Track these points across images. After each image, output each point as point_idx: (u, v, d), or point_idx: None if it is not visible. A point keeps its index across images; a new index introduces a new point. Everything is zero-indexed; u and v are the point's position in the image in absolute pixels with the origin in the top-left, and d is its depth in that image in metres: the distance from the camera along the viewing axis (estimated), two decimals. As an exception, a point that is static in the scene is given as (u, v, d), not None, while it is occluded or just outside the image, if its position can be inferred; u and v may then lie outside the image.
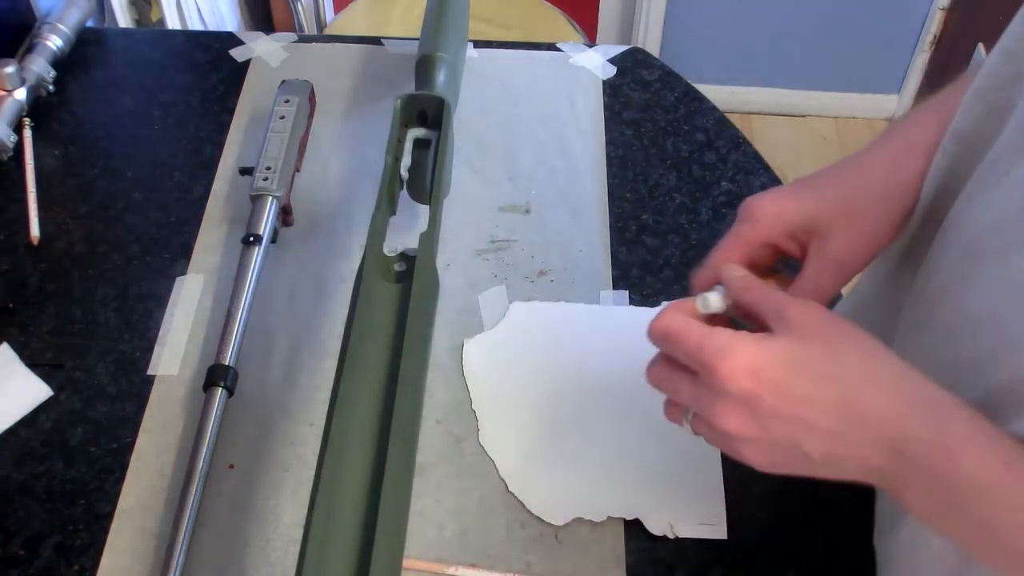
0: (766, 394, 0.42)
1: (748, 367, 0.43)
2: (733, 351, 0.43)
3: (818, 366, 0.43)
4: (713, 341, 0.44)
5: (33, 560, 0.65)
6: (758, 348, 0.43)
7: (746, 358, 0.43)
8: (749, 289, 0.48)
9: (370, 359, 0.58)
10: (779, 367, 0.43)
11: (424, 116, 0.75)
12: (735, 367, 0.43)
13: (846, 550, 0.66)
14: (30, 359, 0.75)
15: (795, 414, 0.43)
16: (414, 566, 0.65)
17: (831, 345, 0.43)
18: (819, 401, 0.42)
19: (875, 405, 0.42)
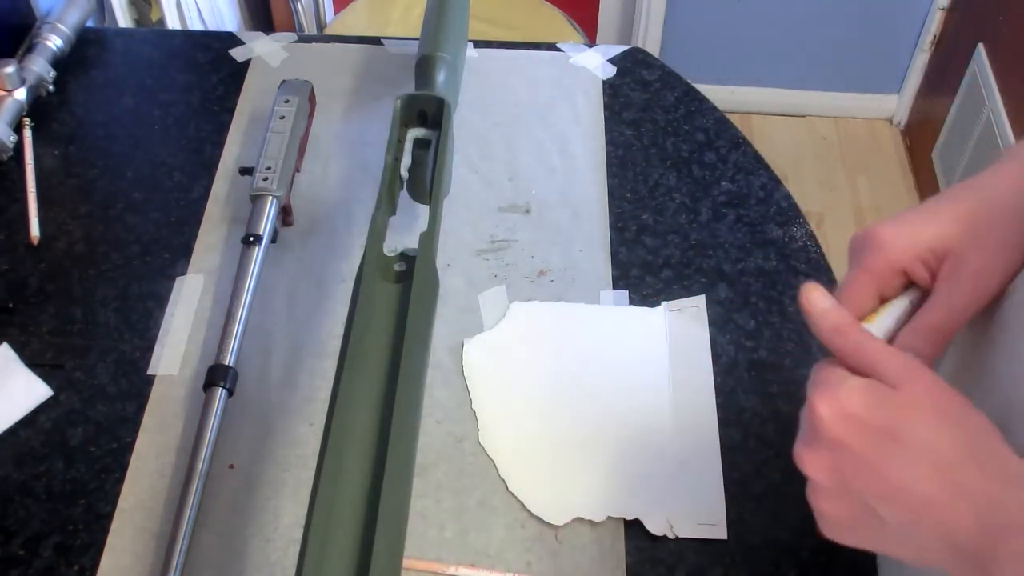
0: (856, 445, 0.40)
1: (843, 410, 0.41)
2: (833, 388, 0.41)
3: (922, 428, 0.40)
4: (818, 375, 0.42)
5: (33, 560, 0.65)
6: (868, 391, 0.41)
7: (847, 400, 0.41)
8: (840, 332, 0.44)
9: (370, 359, 0.58)
10: (882, 415, 0.40)
11: (424, 116, 0.75)
12: (832, 406, 0.41)
13: (846, 550, 0.66)
14: (30, 359, 0.75)
15: (881, 477, 0.40)
16: (414, 566, 0.65)
17: (941, 416, 0.40)
18: (916, 476, 0.39)
19: (975, 480, 0.39)
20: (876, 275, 0.47)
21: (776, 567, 0.66)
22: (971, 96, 1.88)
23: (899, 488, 0.40)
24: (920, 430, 0.40)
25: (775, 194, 0.88)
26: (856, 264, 0.48)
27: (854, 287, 0.48)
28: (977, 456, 0.39)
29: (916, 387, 0.40)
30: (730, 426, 0.72)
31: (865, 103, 2.22)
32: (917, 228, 0.47)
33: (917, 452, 0.40)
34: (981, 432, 0.40)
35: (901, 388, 0.41)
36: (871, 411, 0.40)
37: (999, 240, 0.46)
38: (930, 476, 0.39)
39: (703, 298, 0.79)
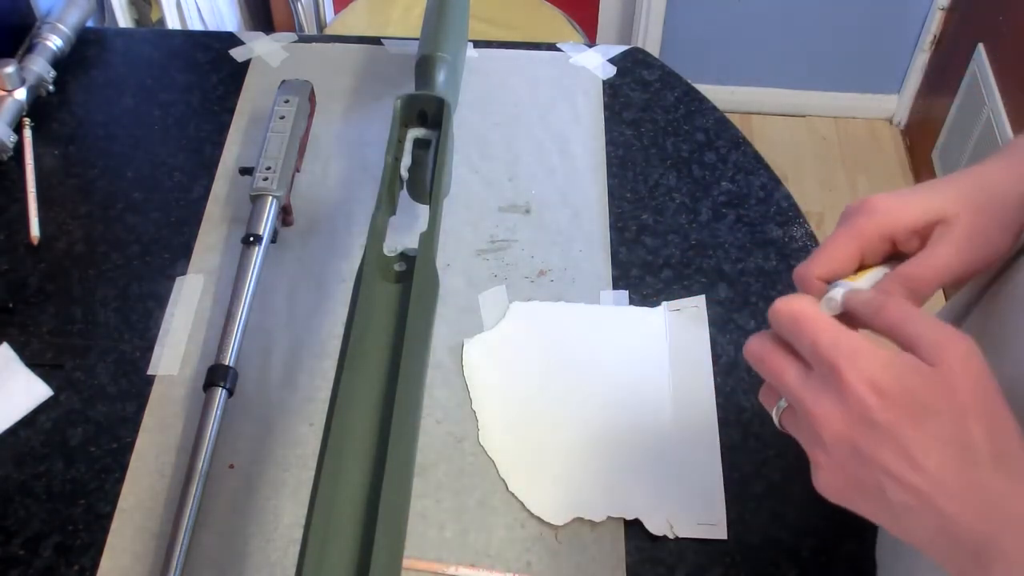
0: (881, 420, 0.39)
1: (872, 378, 0.39)
2: (867, 358, 0.39)
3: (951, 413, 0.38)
4: (851, 342, 0.40)
5: (33, 560, 0.65)
6: (896, 365, 0.39)
7: (879, 370, 0.39)
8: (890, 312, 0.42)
9: (370, 359, 0.58)
10: (907, 391, 0.39)
11: (424, 116, 0.75)
12: (859, 377, 0.39)
13: (846, 550, 0.66)
14: (30, 359, 0.75)
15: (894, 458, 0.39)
16: (414, 566, 0.65)
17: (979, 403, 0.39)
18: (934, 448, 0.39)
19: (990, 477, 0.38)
20: (862, 237, 0.47)
21: (776, 567, 0.66)
22: (971, 96, 1.88)
23: (915, 468, 0.39)
24: (952, 417, 0.38)
25: (775, 194, 0.88)
26: (844, 225, 0.48)
27: (836, 245, 0.47)
28: (998, 452, 0.38)
29: (954, 368, 0.39)
30: (730, 426, 0.72)
31: (865, 103, 2.22)
32: (913, 199, 0.47)
33: (944, 438, 0.38)
34: (1006, 426, 0.39)
35: (939, 366, 0.39)
36: (907, 390, 0.39)
37: (991, 217, 0.47)
38: (950, 465, 0.38)
39: (703, 298, 0.79)
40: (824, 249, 0.47)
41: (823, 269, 0.47)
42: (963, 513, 0.38)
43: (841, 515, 0.67)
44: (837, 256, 0.47)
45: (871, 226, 0.47)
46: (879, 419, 0.39)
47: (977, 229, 0.47)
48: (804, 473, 0.71)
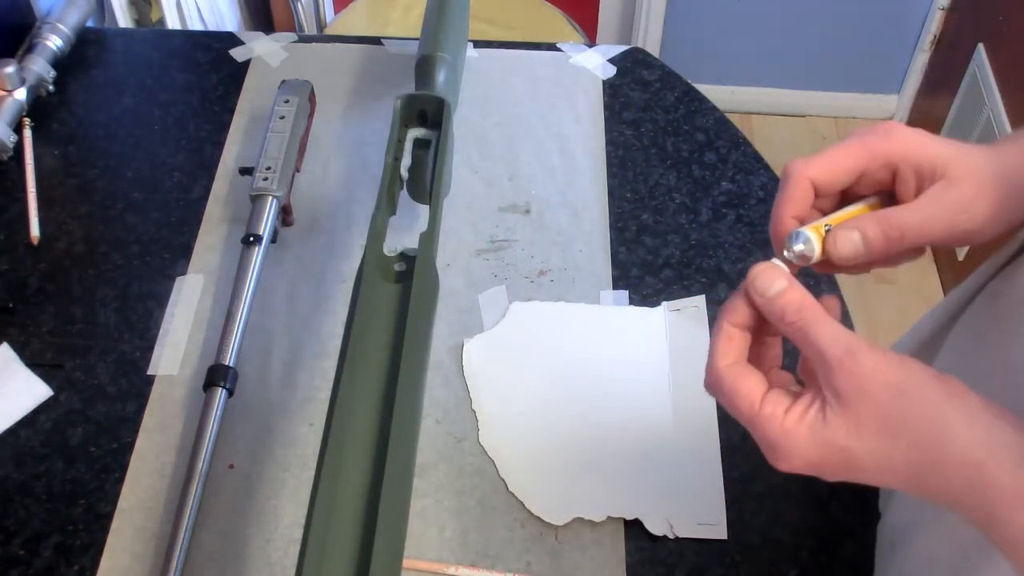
0: (828, 471, 0.41)
1: (806, 464, 0.41)
2: (789, 454, 0.41)
3: (878, 456, 0.40)
4: (767, 431, 0.42)
5: (33, 560, 0.65)
6: (815, 444, 0.41)
7: (803, 458, 0.41)
8: (786, 320, 0.43)
9: (370, 359, 0.58)
10: (839, 459, 0.40)
11: (424, 116, 0.75)
12: (792, 466, 0.41)
13: (846, 550, 0.66)
14: (30, 359, 0.75)
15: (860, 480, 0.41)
16: (414, 566, 0.65)
17: (892, 426, 0.40)
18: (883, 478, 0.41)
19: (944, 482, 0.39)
20: (871, 155, 0.46)
21: (776, 567, 0.66)
22: (971, 96, 1.88)
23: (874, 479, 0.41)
24: (872, 457, 0.40)
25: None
26: (857, 137, 0.47)
27: (843, 152, 0.46)
28: (931, 458, 0.39)
29: (858, 404, 0.40)
30: (730, 426, 0.72)
31: (865, 103, 2.22)
32: (931, 142, 0.46)
33: (877, 470, 0.40)
34: (925, 425, 0.40)
35: (844, 408, 0.40)
36: (826, 450, 0.41)
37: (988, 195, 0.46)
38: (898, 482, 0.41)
39: (703, 298, 0.79)
40: (829, 153, 0.46)
41: (822, 171, 0.46)
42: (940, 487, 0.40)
43: (841, 515, 0.68)
44: (839, 164, 0.46)
45: (884, 147, 0.46)
46: (827, 470, 0.41)
47: (972, 201, 0.46)
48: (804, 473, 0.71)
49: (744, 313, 0.44)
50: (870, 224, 0.45)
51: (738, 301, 0.45)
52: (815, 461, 0.41)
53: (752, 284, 0.44)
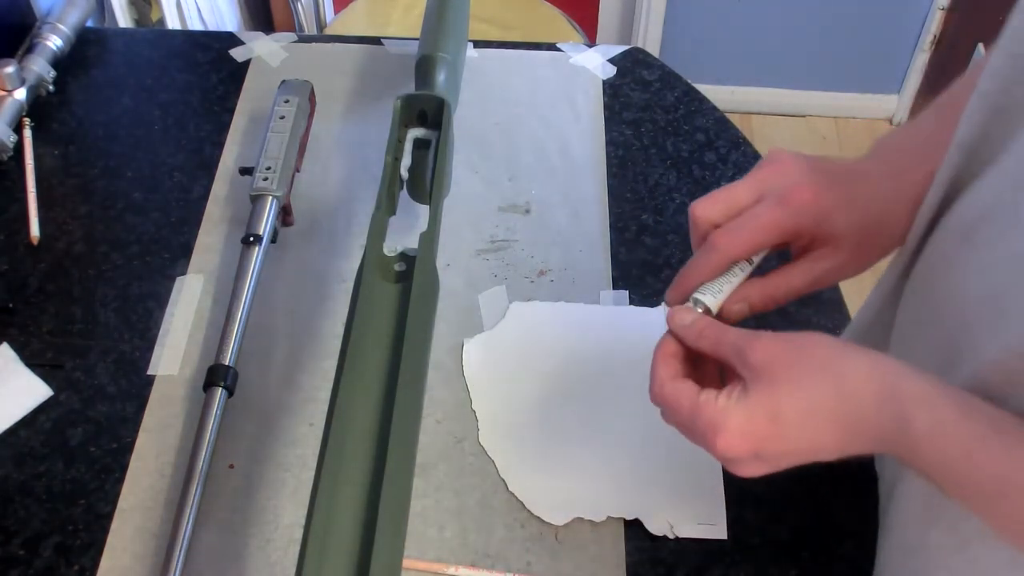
0: (767, 446, 0.46)
1: (740, 434, 0.46)
2: (724, 426, 0.46)
3: (798, 403, 0.45)
4: (703, 418, 0.47)
5: (33, 560, 0.65)
6: (742, 412, 0.46)
7: (737, 427, 0.46)
8: (704, 337, 0.51)
9: (370, 359, 0.58)
10: (767, 421, 0.45)
11: (424, 116, 0.75)
12: (730, 440, 0.46)
13: (846, 550, 0.66)
14: (30, 359, 0.75)
15: (799, 448, 0.46)
16: (414, 566, 0.65)
17: (798, 376, 0.45)
18: (813, 431, 0.45)
19: (859, 413, 0.44)
20: (782, 231, 0.52)
21: (776, 567, 0.66)
22: (971, 96, 1.87)
23: (819, 449, 0.46)
24: (799, 400, 0.45)
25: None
26: (768, 212, 0.53)
27: (762, 229, 0.52)
28: (848, 388, 0.44)
29: (768, 370, 0.46)
30: (730, 426, 0.72)
31: (865, 103, 2.22)
32: (827, 211, 0.52)
33: (811, 422, 0.45)
34: (835, 362, 0.45)
35: (755, 370, 0.46)
36: (756, 416, 0.46)
37: (872, 241, 0.54)
38: (834, 432, 0.45)
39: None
40: (747, 229, 0.52)
41: (741, 251, 0.53)
42: (865, 439, 0.45)
43: (841, 515, 0.68)
44: (756, 242, 0.53)
45: (791, 223, 0.52)
46: (766, 448, 0.46)
47: (847, 263, 0.53)
48: (804, 473, 0.71)
49: (672, 344, 0.52)
50: (755, 293, 0.54)
51: (667, 337, 0.53)
52: (747, 429, 0.45)
53: (671, 322, 0.53)
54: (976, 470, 0.41)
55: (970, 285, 0.46)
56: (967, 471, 0.41)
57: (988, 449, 0.41)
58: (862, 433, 0.45)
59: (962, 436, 0.41)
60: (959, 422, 0.42)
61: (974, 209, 0.47)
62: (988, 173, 0.47)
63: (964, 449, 0.41)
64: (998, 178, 0.46)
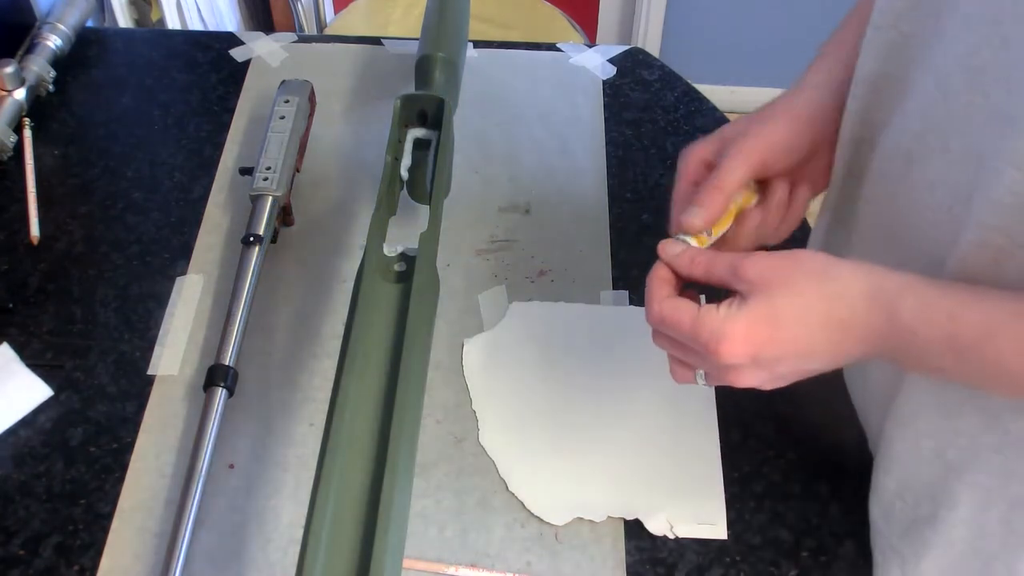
0: (766, 350, 0.49)
1: (743, 339, 0.48)
2: (726, 332, 0.49)
3: (793, 307, 0.48)
4: (706, 328, 0.49)
5: (33, 560, 0.65)
6: (743, 318, 0.49)
7: (739, 332, 0.48)
8: (696, 263, 0.53)
9: (370, 359, 0.58)
10: (765, 325, 0.48)
11: (424, 116, 0.75)
12: (733, 345, 0.49)
13: (846, 550, 0.66)
14: (30, 359, 0.75)
15: (795, 351, 0.49)
16: (414, 566, 0.65)
17: (792, 282, 0.49)
18: (808, 332, 0.48)
19: (849, 312, 0.48)
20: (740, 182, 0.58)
21: (776, 567, 0.66)
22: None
23: (812, 354, 0.49)
24: (793, 306, 0.48)
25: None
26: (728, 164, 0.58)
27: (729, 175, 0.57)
28: (835, 292, 0.48)
29: (763, 279, 0.49)
30: (730, 426, 0.72)
31: (865, 103, 2.22)
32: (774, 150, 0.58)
33: (803, 327, 0.48)
34: (824, 270, 0.49)
35: (751, 282, 0.49)
36: (756, 321, 0.49)
37: (775, 123, 0.59)
38: (824, 335, 0.48)
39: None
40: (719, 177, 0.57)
41: (711, 153, 0.59)
42: (854, 342, 0.48)
43: (841, 515, 0.68)
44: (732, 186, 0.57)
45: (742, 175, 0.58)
46: (765, 352, 0.49)
47: (758, 132, 0.58)
48: (804, 473, 0.72)
49: (664, 271, 0.55)
50: (704, 194, 0.57)
51: (659, 264, 0.55)
52: (749, 334, 0.48)
53: (662, 253, 0.55)
54: (962, 327, 0.45)
55: (920, 196, 0.51)
56: (954, 332, 0.45)
57: (968, 306, 0.45)
58: (853, 331, 0.48)
59: (945, 304, 0.45)
60: (941, 296, 0.46)
61: (907, 135, 0.52)
62: (908, 105, 0.52)
63: (948, 313, 0.45)
64: (920, 104, 0.51)
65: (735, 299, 0.50)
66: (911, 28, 0.52)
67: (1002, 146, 0.45)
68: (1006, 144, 0.44)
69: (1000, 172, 0.45)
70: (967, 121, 0.48)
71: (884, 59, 0.54)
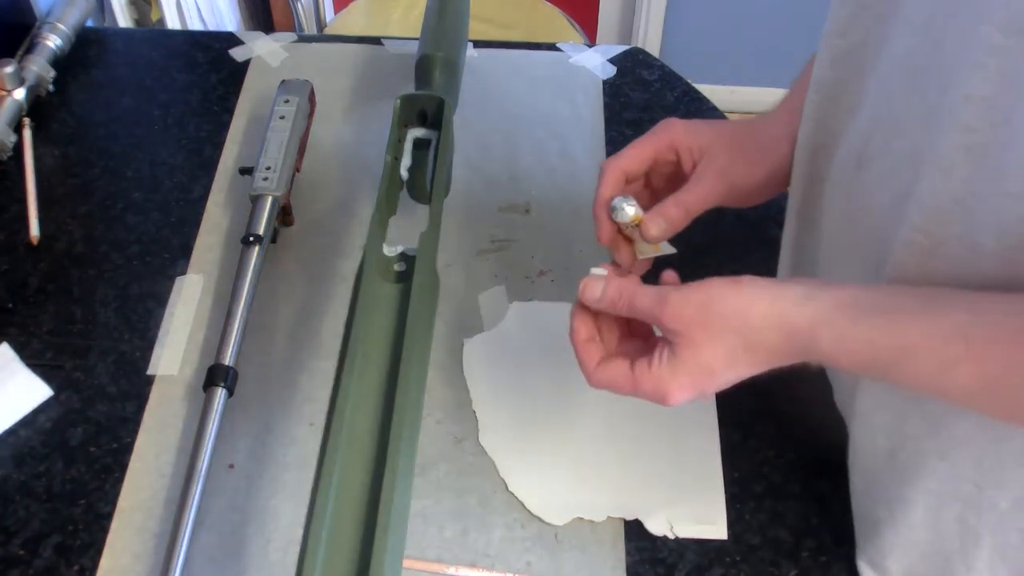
0: (706, 388, 0.52)
1: (681, 388, 0.51)
2: (666, 389, 0.52)
3: (718, 356, 0.50)
4: (646, 389, 0.53)
5: (33, 560, 0.65)
6: (678, 372, 0.51)
7: (677, 386, 0.51)
8: (617, 305, 0.55)
9: (370, 359, 0.58)
10: (699, 374, 0.51)
11: (424, 116, 0.75)
12: (677, 396, 0.52)
13: (846, 550, 0.66)
14: (30, 359, 0.75)
15: (733, 380, 0.51)
16: (414, 566, 0.65)
17: (711, 330, 0.50)
18: (738, 372, 0.51)
19: (773, 349, 0.49)
20: (657, 146, 0.64)
21: (776, 567, 0.66)
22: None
23: (741, 379, 0.51)
24: (717, 352, 0.50)
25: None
26: (649, 133, 0.65)
27: (641, 145, 0.64)
28: (754, 323, 0.49)
29: (686, 330, 0.51)
30: (730, 426, 0.72)
31: (865, 103, 2.22)
32: (698, 127, 0.64)
33: (727, 366, 0.50)
34: (741, 301, 0.50)
35: (673, 331, 0.51)
36: (689, 375, 0.51)
37: (741, 154, 0.63)
38: (747, 367, 0.50)
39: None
40: (630, 148, 0.64)
41: (628, 163, 0.63)
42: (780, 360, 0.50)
43: (841, 515, 0.68)
44: (638, 155, 0.64)
45: (666, 139, 0.64)
46: (699, 393, 0.52)
47: (728, 168, 0.62)
48: (804, 473, 0.72)
49: (585, 327, 0.57)
50: (671, 209, 0.62)
51: (578, 319, 0.57)
52: (688, 383, 0.51)
53: (583, 297, 0.56)
54: (880, 351, 0.46)
55: (870, 199, 0.53)
56: (874, 356, 0.46)
57: (883, 330, 0.46)
58: (781, 361, 0.50)
59: (860, 332, 0.46)
60: (854, 323, 0.47)
61: (857, 139, 0.54)
62: (860, 110, 0.54)
63: (865, 340, 0.46)
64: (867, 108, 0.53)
65: (664, 349, 0.52)
66: (858, 36, 0.54)
67: (929, 146, 0.46)
68: (932, 144, 0.45)
69: (927, 173, 0.46)
70: (906, 122, 0.49)
71: (835, 66, 0.56)
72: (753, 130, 0.65)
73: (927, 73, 0.47)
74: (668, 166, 0.65)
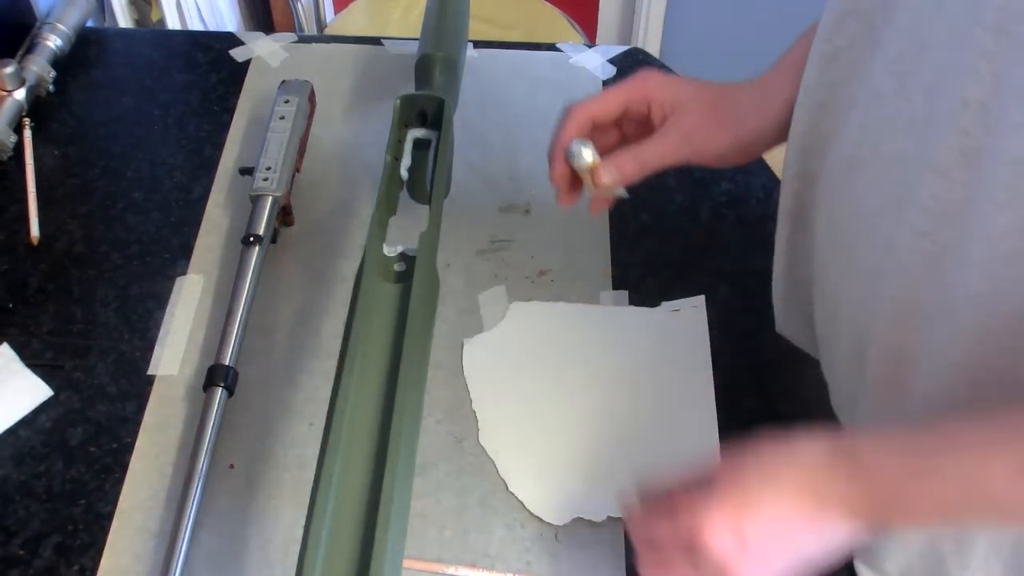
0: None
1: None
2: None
3: (750, 545, 0.48)
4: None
5: (33, 560, 0.65)
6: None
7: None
8: (655, 525, 0.53)
9: (370, 359, 0.58)
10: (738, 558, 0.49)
11: (424, 116, 0.75)
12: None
13: (846, 550, 0.66)
14: (30, 359, 0.75)
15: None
16: (414, 566, 0.65)
17: (748, 542, 0.48)
18: (776, 556, 0.49)
19: (805, 525, 0.48)
20: (630, 95, 0.65)
21: (776, 567, 0.65)
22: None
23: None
24: (750, 544, 0.48)
25: (775, 194, 0.88)
26: (624, 81, 0.66)
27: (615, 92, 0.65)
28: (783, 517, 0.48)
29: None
30: (730, 426, 0.72)
31: (865, 103, 2.22)
32: (675, 82, 0.67)
33: (775, 553, 0.49)
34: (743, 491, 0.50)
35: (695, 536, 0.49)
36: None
37: (714, 117, 0.65)
38: (790, 552, 0.49)
39: (703, 298, 0.79)
40: (602, 95, 0.65)
41: (597, 108, 0.65)
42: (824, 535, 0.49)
43: (841, 515, 0.67)
44: (610, 101, 0.65)
45: (640, 89, 0.65)
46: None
47: (697, 128, 0.64)
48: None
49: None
50: (626, 161, 0.63)
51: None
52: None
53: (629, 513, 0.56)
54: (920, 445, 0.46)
55: (862, 202, 0.53)
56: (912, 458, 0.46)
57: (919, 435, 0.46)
58: (825, 497, 0.48)
59: (897, 435, 0.47)
60: (891, 434, 0.47)
61: (849, 142, 0.54)
62: (851, 114, 0.54)
63: (903, 441, 0.46)
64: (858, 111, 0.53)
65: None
66: (848, 39, 0.54)
67: (924, 150, 0.46)
68: (927, 148, 0.45)
69: (923, 177, 0.45)
70: (895, 126, 0.49)
71: (825, 70, 0.57)
72: (733, 96, 0.67)
73: (913, 77, 0.47)
74: (640, 115, 0.66)
